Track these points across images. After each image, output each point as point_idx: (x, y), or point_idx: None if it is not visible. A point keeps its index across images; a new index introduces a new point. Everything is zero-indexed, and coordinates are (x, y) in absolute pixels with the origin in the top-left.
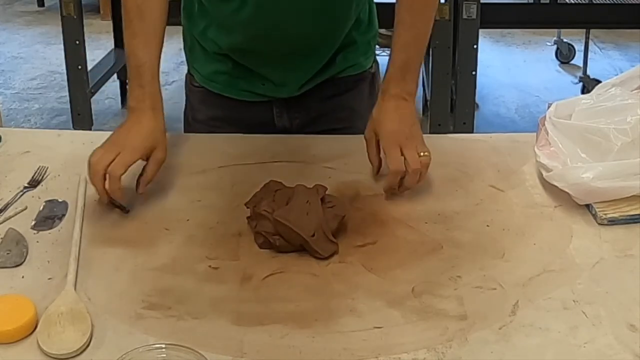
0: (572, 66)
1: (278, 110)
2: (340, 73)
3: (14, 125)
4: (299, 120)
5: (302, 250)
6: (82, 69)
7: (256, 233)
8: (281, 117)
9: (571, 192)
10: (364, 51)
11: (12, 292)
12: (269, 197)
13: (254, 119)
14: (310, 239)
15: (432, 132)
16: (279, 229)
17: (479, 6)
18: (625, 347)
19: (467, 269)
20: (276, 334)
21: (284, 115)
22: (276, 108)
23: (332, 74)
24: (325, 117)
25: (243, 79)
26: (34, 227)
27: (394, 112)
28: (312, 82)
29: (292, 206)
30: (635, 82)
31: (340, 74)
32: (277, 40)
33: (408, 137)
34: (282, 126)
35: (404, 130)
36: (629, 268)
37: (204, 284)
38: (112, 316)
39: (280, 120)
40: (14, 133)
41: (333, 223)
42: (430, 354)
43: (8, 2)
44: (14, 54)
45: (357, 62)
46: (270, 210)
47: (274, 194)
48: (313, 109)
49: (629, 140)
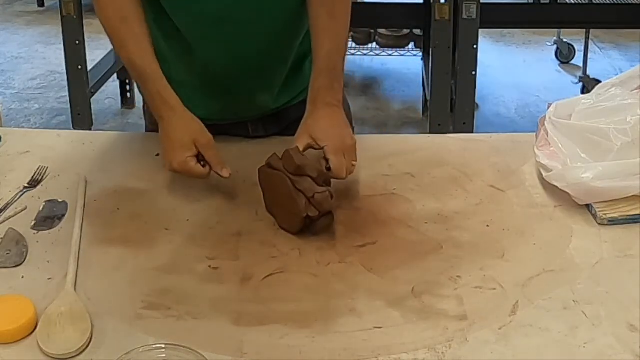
0: (572, 66)
1: (253, 126)
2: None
3: (14, 125)
4: (274, 130)
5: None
6: (82, 69)
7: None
8: (257, 130)
9: (571, 192)
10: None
11: (12, 292)
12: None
13: (231, 131)
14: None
15: (432, 132)
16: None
17: (479, 6)
18: (625, 347)
19: (467, 269)
20: (276, 334)
21: (260, 128)
22: (251, 125)
23: (297, 92)
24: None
25: (209, 108)
26: (34, 227)
27: (331, 120)
28: (276, 102)
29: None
30: (635, 82)
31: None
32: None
33: (349, 146)
34: (259, 137)
35: (346, 140)
36: (629, 268)
37: (204, 284)
38: (112, 316)
39: (255, 132)
40: (14, 133)
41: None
42: (430, 354)
43: (8, 2)
44: (14, 54)
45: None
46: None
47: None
48: (285, 119)
49: (629, 140)
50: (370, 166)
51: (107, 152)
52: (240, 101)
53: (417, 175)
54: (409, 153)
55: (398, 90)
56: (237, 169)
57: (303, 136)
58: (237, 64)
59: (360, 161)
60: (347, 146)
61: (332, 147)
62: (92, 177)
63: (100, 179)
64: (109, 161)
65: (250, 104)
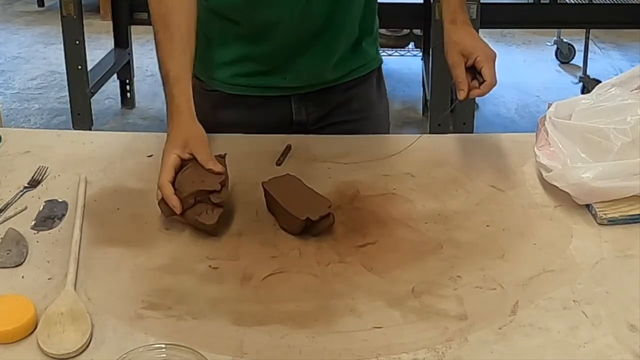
0: (572, 66)
1: (297, 105)
2: (358, 70)
3: (14, 125)
4: (316, 114)
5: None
6: (82, 69)
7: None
8: (299, 112)
9: (571, 192)
10: (374, 47)
11: (12, 292)
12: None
13: (272, 116)
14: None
15: (432, 132)
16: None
17: (479, 6)
18: (625, 347)
19: (467, 269)
20: (276, 334)
21: (302, 109)
22: (295, 103)
23: (352, 68)
24: (340, 109)
25: (264, 75)
26: (34, 227)
27: (472, 35)
28: (332, 74)
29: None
30: (635, 82)
31: (357, 70)
32: (295, 23)
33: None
34: (299, 121)
35: (490, 50)
36: (629, 268)
37: (204, 284)
38: (112, 316)
39: (298, 114)
40: (14, 133)
41: None
42: (430, 354)
43: (8, 2)
44: (14, 54)
45: (373, 57)
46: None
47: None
48: (329, 102)
49: (629, 140)
50: (370, 166)
51: (107, 152)
52: (297, 65)
53: (417, 175)
54: (409, 153)
55: (398, 90)
56: (237, 168)
57: (453, 52)
58: (304, 25)
59: (361, 161)
60: (493, 55)
61: (483, 57)
62: (92, 177)
63: (100, 179)
64: (109, 161)
65: (306, 70)
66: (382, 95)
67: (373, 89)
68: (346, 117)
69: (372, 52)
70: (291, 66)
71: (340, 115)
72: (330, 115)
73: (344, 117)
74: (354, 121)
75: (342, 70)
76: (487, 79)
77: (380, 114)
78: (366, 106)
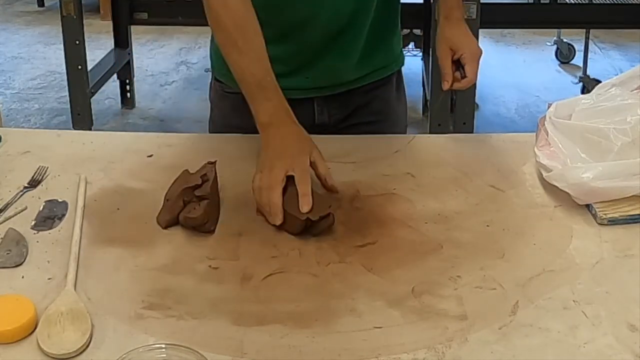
0: (572, 66)
1: (319, 107)
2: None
3: (14, 125)
4: (338, 115)
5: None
6: (82, 69)
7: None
8: (322, 114)
9: (571, 192)
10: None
11: (12, 292)
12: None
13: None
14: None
15: (432, 132)
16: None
17: (479, 6)
18: (625, 347)
19: (467, 269)
20: (276, 334)
21: (325, 111)
22: (317, 105)
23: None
24: (361, 111)
25: (287, 76)
26: (34, 227)
27: (466, 32)
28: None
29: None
30: (635, 82)
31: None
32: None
33: (479, 54)
34: (321, 122)
35: (477, 48)
36: (629, 268)
37: (204, 284)
38: (112, 316)
39: (320, 117)
40: (14, 133)
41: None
42: (430, 354)
43: (8, 2)
44: (14, 54)
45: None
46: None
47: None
48: (352, 104)
49: (629, 140)
50: (370, 166)
51: (107, 152)
52: (319, 64)
53: (417, 175)
54: (408, 153)
55: None
56: (237, 169)
57: (442, 46)
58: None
59: (360, 161)
60: (479, 54)
61: (468, 54)
62: (92, 177)
63: (100, 179)
64: (109, 161)
65: (329, 70)
66: (401, 95)
67: (393, 90)
68: (367, 119)
69: (397, 50)
70: (314, 66)
71: (361, 117)
72: (351, 117)
73: (364, 118)
74: (373, 122)
75: (365, 70)
76: (469, 75)
77: (399, 115)
78: (386, 107)
